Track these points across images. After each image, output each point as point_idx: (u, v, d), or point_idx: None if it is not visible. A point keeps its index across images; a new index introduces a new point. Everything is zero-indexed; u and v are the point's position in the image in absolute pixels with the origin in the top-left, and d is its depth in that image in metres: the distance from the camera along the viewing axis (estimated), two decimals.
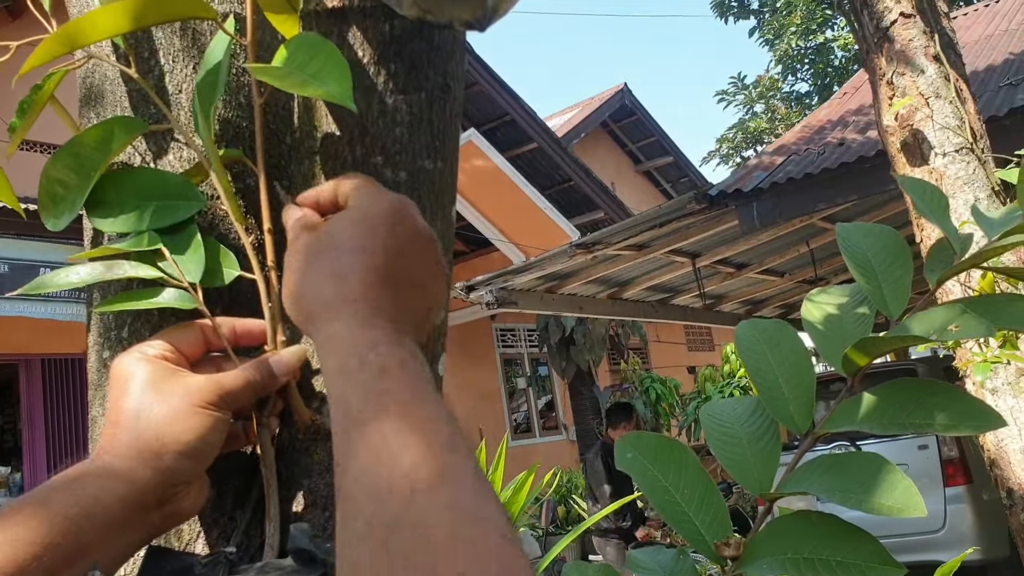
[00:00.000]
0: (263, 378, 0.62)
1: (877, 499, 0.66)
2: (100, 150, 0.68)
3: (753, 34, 22.95)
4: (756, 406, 0.80)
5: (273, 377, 0.63)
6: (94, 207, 0.69)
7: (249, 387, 0.62)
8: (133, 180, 0.70)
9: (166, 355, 0.61)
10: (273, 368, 0.63)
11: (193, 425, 0.58)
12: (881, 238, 0.81)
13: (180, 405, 0.58)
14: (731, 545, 0.71)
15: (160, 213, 0.69)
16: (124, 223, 0.69)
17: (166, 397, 0.58)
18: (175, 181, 0.70)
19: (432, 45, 0.69)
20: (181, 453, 0.57)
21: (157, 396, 0.58)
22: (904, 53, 3.16)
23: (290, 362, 0.64)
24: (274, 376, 0.63)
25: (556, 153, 13.50)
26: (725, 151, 24.97)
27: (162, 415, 0.57)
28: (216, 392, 0.59)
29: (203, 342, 0.64)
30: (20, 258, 6.86)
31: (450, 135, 0.72)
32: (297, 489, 0.68)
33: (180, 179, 0.70)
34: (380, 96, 0.68)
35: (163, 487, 0.57)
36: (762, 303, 10.31)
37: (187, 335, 0.63)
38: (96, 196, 0.69)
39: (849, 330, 0.78)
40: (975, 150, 3.01)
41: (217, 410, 0.59)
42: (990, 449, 3.01)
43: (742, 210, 6.01)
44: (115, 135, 0.68)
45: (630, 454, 0.79)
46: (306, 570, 0.57)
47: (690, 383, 14.73)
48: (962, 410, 0.67)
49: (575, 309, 8.22)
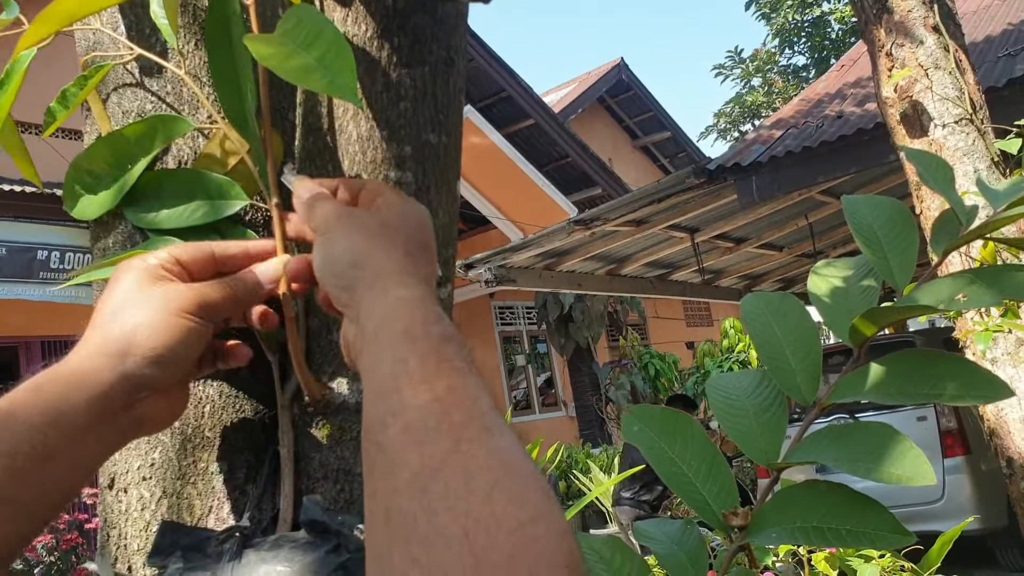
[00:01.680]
0: (247, 288, 0.62)
1: (886, 468, 0.66)
2: (140, 146, 0.69)
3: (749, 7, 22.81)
4: (762, 378, 0.80)
5: (259, 286, 0.63)
6: (132, 203, 0.70)
7: (231, 298, 0.61)
8: (174, 178, 0.71)
9: (165, 265, 0.60)
10: (259, 277, 0.63)
11: (164, 331, 0.57)
12: (887, 210, 0.81)
13: (155, 310, 0.57)
14: (739, 515, 0.72)
15: (203, 211, 0.70)
16: (166, 219, 0.70)
17: (144, 301, 0.57)
18: (216, 180, 0.71)
19: (435, 19, 0.68)
20: (147, 358, 0.56)
21: (135, 299, 0.57)
22: (903, 24, 3.14)
23: (276, 270, 0.63)
24: (260, 284, 0.63)
25: (553, 129, 13.46)
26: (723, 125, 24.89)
27: (134, 318, 0.57)
28: (195, 301, 0.58)
29: (212, 262, 0.63)
30: (18, 241, 6.85)
31: (454, 109, 0.72)
32: (307, 463, 0.68)
33: (222, 179, 0.71)
34: (384, 70, 0.68)
35: (128, 391, 0.56)
36: (761, 277, 10.32)
37: (196, 253, 0.62)
38: (134, 193, 0.70)
39: (855, 302, 0.79)
40: (975, 121, 3.00)
41: (193, 319, 0.58)
42: (990, 419, 3.02)
43: (741, 184, 6.00)
44: (158, 132, 0.69)
45: (636, 427, 0.79)
46: (320, 541, 0.58)
47: (689, 358, 14.76)
48: (968, 380, 0.67)
49: (574, 286, 8.23)
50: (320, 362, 0.70)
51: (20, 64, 0.70)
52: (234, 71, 0.66)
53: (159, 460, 0.71)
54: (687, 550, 0.78)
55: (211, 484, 0.69)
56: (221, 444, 0.70)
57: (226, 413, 0.71)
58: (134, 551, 0.70)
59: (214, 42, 0.67)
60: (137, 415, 0.57)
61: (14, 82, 0.70)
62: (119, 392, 0.55)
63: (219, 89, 0.68)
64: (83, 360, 0.56)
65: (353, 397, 0.68)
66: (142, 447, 0.71)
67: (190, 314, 0.58)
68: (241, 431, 0.69)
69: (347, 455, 0.68)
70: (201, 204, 0.70)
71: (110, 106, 0.77)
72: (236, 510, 0.68)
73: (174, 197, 0.71)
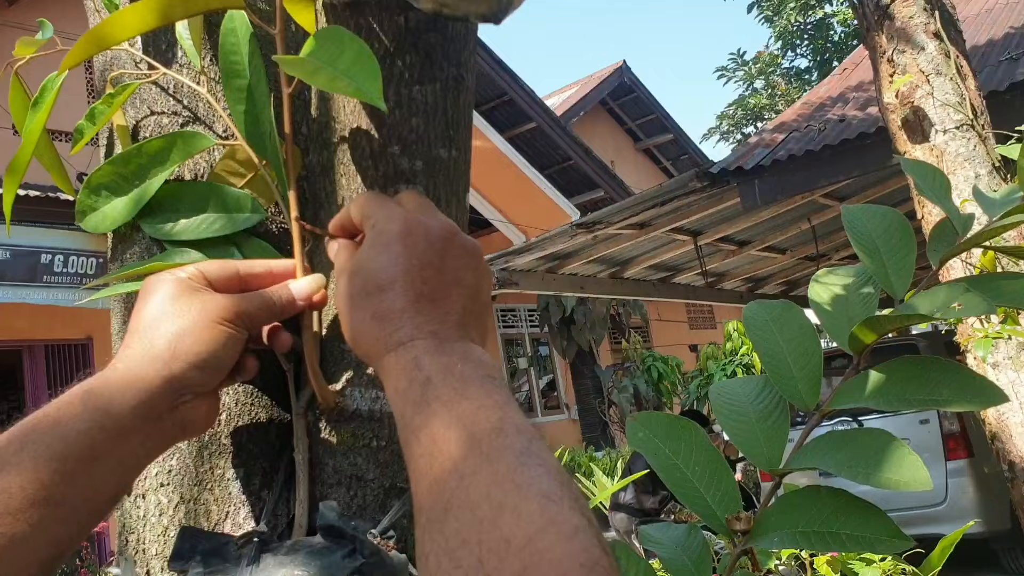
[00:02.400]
0: (281, 301, 0.65)
1: (884, 473, 0.68)
2: (157, 161, 0.71)
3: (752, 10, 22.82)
4: (765, 384, 0.81)
5: (292, 301, 0.66)
6: (149, 215, 0.72)
7: (266, 308, 0.64)
8: (191, 191, 0.73)
9: (195, 279, 0.63)
10: (293, 292, 0.66)
11: (206, 338, 0.60)
12: (885, 219, 0.83)
13: (197, 318, 0.60)
14: (742, 520, 0.73)
15: (220, 223, 0.71)
16: (183, 231, 0.71)
17: (184, 310, 0.60)
18: (233, 193, 0.73)
19: (446, 36, 0.70)
20: (191, 363, 0.59)
21: (175, 308, 0.60)
22: (904, 30, 3.15)
23: (309, 287, 0.66)
24: (292, 300, 0.66)
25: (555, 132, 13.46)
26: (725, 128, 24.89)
27: (177, 326, 0.59)
28: (233, 310, 0.61)
29: (237, 280, 0.66)
30: (22, 244, 6.87)
31: (464, 124, 0.74)
32: (321, 469, 0.70)
33: (239, 192, 0.73)
34: (396, 87, 0.70)
35: (172, 394, 0.58)
36: (764, 280, 10.32)
37: (221, 270, 0.65)
38: (151, 205, 0.72)
39: (855, 309, 0.80)
40: (976, 126, 3.02)
41: (232, 327, 0.61)
42: (991, 423, 3.03)
43: (744, 187, 6.01)
44: (176, 148, 0.71)
45: (641, 433, 0.81)
46: (336, 546, 0.59)
47: (692, 361, 14.75)
48: (965, 386, 0.69)
49: (576, 289, 8.23)
50: (334, 370, 0.71)
51: (53, 84, 0.72)
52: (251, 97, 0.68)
53: (176, 466, 0.73)
54: (691, 554, 0.79)
55: (228, 490, 0.71)
56: (237, 451, 0.72)
57: (242, 420, 0.73)
58: (152, 556, 0.72)
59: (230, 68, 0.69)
60: (180, 418, 0.60)
61: (48, 101, 0.72)
62: (164, 395, 0.58)
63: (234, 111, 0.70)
64: (129, 365, 0.58)
65: (365, 405, 0.70)
66: None
67: (229, 322, 0.61)
68: (257, 438, 0.71)
69: (360, 461, 0.69)
70: (218, 217, 0.72)
71: (126, 119, 0.79)
72: (252, 515, 0.70)
73: (191, 209, 0.73)
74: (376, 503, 0.69)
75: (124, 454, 0.56)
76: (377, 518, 0.67)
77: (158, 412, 0.58)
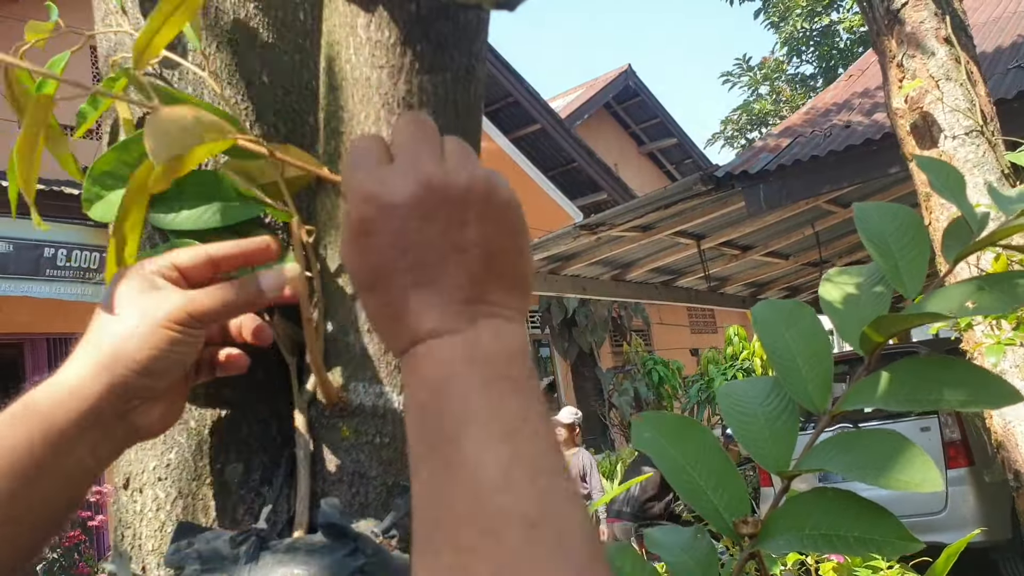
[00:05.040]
0: (246, 295, 0.59)
1: (895, 475, 0.67)
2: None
3: (758, 16, 22.81)
4: (774, 385, 0.80)
5: (260, 293, 0.59)
6: (153, 204, 0.71)
7: (225, 305, 0.58)
8: (194, 180, 0.71)
9: (163, 271, 0.59)
10: (260, 283, 0.60)
11: (150, 342, 0.56)
12: (898, 217, 0.81)
13: (141, 321, 0.56)
14: (749, 523, 0.72)
15: (223, 213, 0.70)
16: (185, 221, 0.70)
17: (132, 311, 0.57)
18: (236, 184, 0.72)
19: (458, 26, 0.69)
20: (133, 370, 0.55)
21: (123, 309, 0.57)
22: (915, 35, 3.14)
23: (277, 279, 0.60)
24: (262, 292, 0.60)
25: (559, 134, 13.47)
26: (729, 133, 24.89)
27: (120, 330, 0.56)
28: (184, 310, 0.57)
29: (210, 264, 0.61)
30: (24, 238, 6.87)
31: (474, 115, 0.73)
32: (323, 465, 0.69)
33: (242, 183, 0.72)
34: (407, 76, 0.68)
35: (118, 401, 0.55)
36: (766, 285, 10.31)
37: (193, 256, 0.61)
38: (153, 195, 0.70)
39: (866, 309, 0.79)
40: (985, 133, 3.00)
41: (180, 328, 0.57)
42: (997, 431, 3.01)
43: (748, 192, 6.00)
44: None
45: (648, 433, 0.79)
46: (337, 545, 0.58)
47: (693, 365, 14.74)
48: (979, 385, 0.68)
49: (578, 290, 8.22)
50: (337, 364, 0.70)
51: (56, 67, 0.71)
52: None
53: (175, 461, 0.71)
54: (697, 558, 0.78)
55: (227, 485, 0.70)
56: (237, 445, 0.71)
57: (243, 414, 0.72)
58: (148, 551, 0.70)
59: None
60: (132, 423, 0.57)
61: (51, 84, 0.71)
62: (109, 403, 0.55)
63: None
64: (72, 373, 0.55)
65: (369, 400, 0.68)
66: (158, 447, 0.72)
67: (176, 323, 0.57)
68: (257, 432, 0.69)
69: (362, 458, 0.68)
70: (221, 207, 0.71)
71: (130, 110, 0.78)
72: (251, 512, 0.68)
73: (194, 199, 0.71)
74: (379, 501, 0.67)
75: (70, 465, 0.54)
76: (379, 516, 0.66)
77: (105, 420, 0.55)
